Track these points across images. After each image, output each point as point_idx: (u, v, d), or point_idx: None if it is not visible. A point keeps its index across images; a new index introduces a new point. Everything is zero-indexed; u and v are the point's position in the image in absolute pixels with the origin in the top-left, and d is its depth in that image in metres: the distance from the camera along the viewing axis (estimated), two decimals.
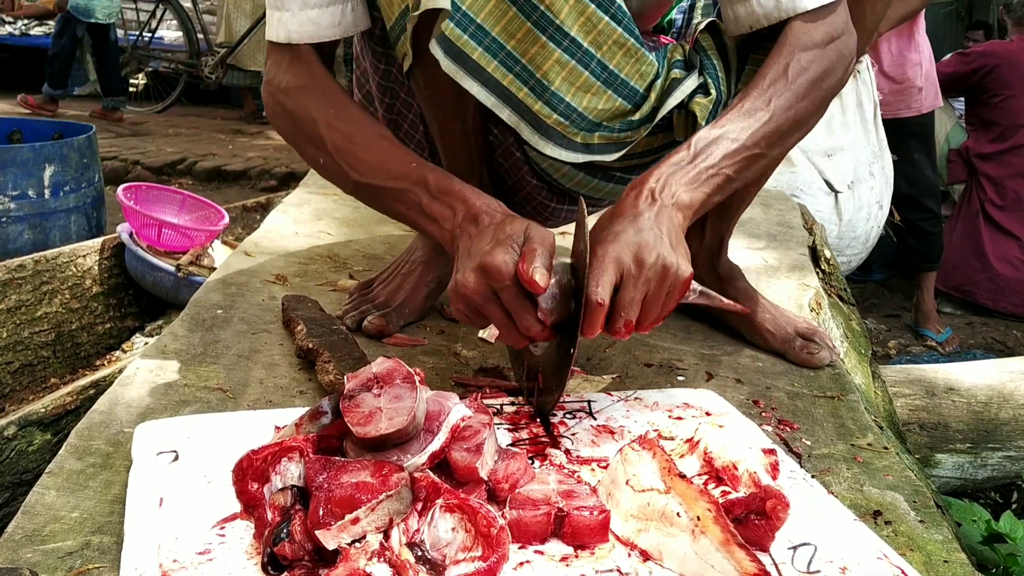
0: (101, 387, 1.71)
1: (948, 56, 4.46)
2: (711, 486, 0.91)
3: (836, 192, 3.26)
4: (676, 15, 1.36)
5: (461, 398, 0.91)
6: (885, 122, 3.57)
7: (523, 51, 1.10)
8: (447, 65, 1.09)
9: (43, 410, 1.73)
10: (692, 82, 1.18)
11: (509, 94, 1.12)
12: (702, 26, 1.23)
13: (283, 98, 1.20)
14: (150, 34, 7.32)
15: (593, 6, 1.09)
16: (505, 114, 1.13)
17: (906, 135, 3.71)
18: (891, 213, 3.61)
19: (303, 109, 1.18)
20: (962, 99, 4.63)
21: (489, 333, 1.04)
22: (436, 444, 0.83)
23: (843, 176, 3.27)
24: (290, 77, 1.20)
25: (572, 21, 1.10)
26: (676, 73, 1.19)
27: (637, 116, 1.18)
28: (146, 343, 2.52)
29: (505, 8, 1.08)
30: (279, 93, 1.21)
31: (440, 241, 1.10)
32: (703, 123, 1.18)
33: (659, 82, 1.18)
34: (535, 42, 1.10)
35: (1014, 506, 2.24)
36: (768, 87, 1.10)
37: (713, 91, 1.18)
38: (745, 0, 1.15)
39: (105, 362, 2.52)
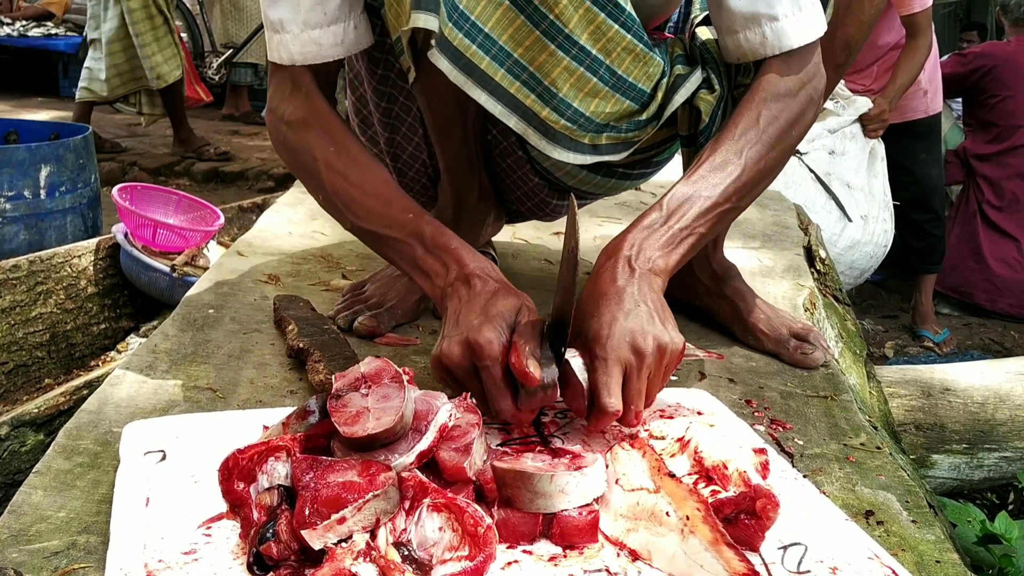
0: (95, 387, 1.70)
1: (946, 57, 4.46)
2: (701, 485, 0.91)
3: (848, 220, 3.29)
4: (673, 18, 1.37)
5: (450, 398, 0.91)
6: (893, 125, 3.60)
7: (531, 59, 1.11)
8: (455, 76, 1.09)
9: (36, 410, 1.73)
10: (696, 78, 1.19)
11: (516, 102, 1.12)
12: (698, 19, 1.24)
13: (285, 130, 1.20)
14: None
15: (603, 15, 1.10)
16: (512, 122, 1.13)
17: (914, 136, 3.76)
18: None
19: (304, 144, 1.18)
20: (960, 100, 4.64)
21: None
22: (424, 444, 0.83)
23: (858, 207, 3.32)
24: (292, 108, 1.19)
25: (581, 30, 1.10)
26: (680, 69, 1.20)
27: (644, 116, 1.19)
28: (140, 342, 2.51)
29: (513, 17, 1.08)
30: (282, 124, 1.20)
31: (430, 296, 1.11)
32: (707, 119, 1.20)
33: (664, 80, 1.19)
34: (543, 50, 1.10)
35: (1010, 507, 2.24)
36: (740, 137, 1.11)
37: (717, 87, 1.20)
38: (735, 33, 1.16)
39: (100, 363, 2.51)
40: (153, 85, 4.78)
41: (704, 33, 1.23)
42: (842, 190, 3.33)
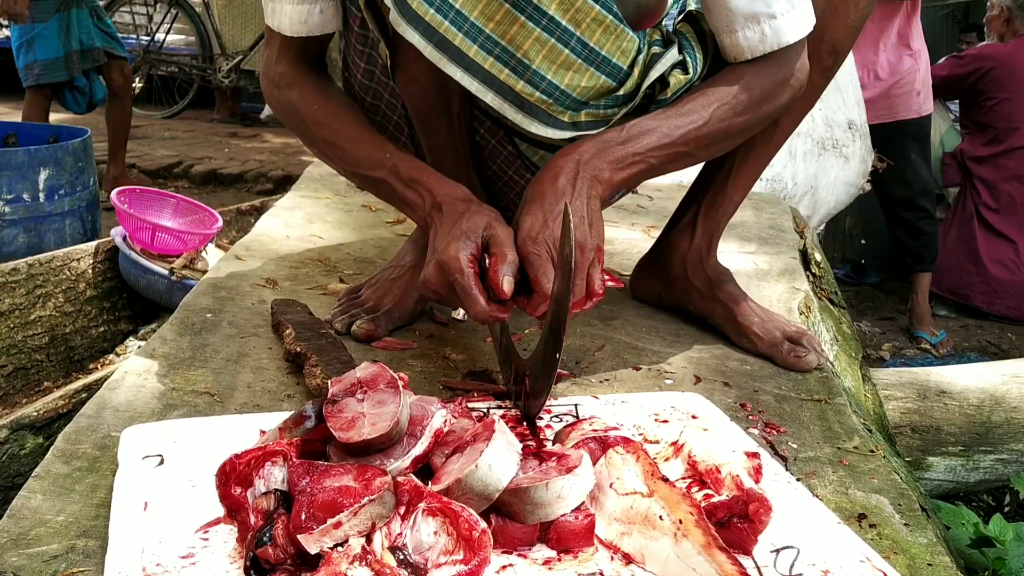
0: (93, 390, 1.71)
1: (943, 59, 4.47)
2: (694, 489, 0.91)
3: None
4: (666, 22, 1.37)
5: (449, 402, 0.92)
6: (885, 125, 3.63)
7: (502, 33, 1.13)
8: (430, 52, 1.12)
9: (35, 414, 1.73)
10: (672, 55, 1.23)
11: (491, 77, 1.15)
12: (680, 17, 1.26)
13: (276, 91, 1.30)
14: (163, 37, 7.24)
15: None
16: (488, 97, 1.17)
17: (904, 136, 3.79)
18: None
19: (292, 103, 1.28)
20: (957, 102, 4.65)
21: (456, 312, 1.34)
22: (419, 448, 0.84)
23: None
24: (281, 69, 1.29)
25: (551, 0, 1.13)
26: (656, 49, 1.24)
27: (622, 92, 1.21)
28: (139, 347, 2.52)
29: None
30: (272, 85, 1.31)
31: (419, 226, 1.21)
32: (670, 93, 1.23)
33: (641, 57, 1.21)
34: (514, 22, 1.13)
35: (1006, 509, 2.25)
36: (711, 95, 1.19)
37: (691, 69, 1.24)
38: (732, 32, 1.21)
39: (99, 365, 2.52)
40: None
41: (685, 27, 1.27)
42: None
